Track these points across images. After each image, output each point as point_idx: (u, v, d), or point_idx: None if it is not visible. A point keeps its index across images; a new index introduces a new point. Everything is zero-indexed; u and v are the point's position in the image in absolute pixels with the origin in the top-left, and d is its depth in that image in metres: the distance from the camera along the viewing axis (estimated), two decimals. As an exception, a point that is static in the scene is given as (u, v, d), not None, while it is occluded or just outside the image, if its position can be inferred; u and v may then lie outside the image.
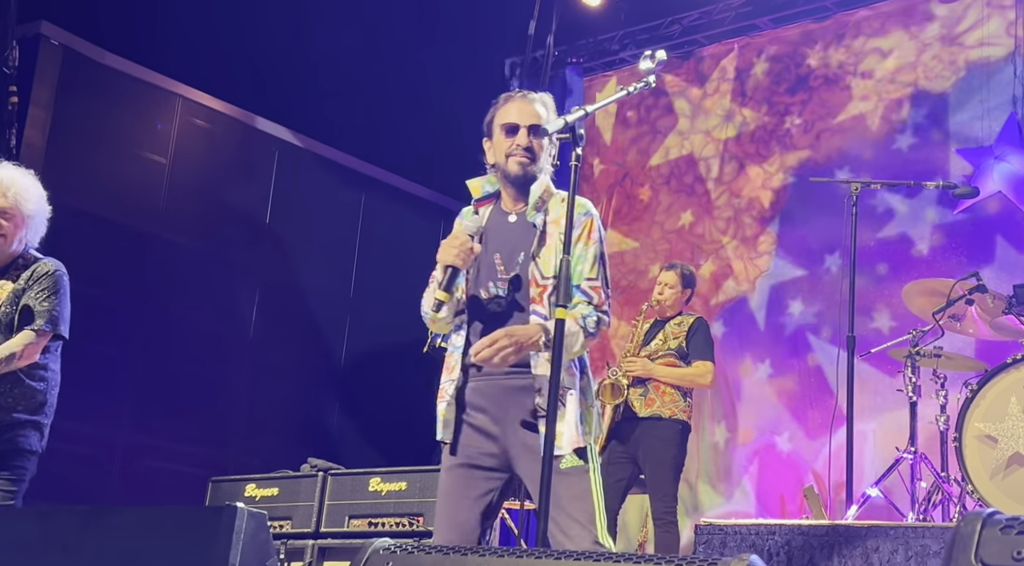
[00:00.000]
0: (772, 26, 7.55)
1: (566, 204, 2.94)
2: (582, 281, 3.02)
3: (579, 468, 2.92)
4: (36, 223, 3.79)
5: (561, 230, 2.99)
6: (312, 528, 4.89)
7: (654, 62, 3.06)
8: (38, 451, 3.66)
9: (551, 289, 2.99)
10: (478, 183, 3.18)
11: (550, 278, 3.00)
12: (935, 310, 5.08)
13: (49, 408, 3.70)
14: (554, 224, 3.05)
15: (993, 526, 1.67)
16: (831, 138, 7.15)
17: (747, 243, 7.34)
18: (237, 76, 7.17)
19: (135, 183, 6.81)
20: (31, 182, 3.82)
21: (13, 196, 3.71)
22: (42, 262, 3.76)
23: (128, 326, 6.63)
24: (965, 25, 6.79)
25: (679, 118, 7.81)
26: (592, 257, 3.03)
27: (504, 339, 2.87)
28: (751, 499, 6.90)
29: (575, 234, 3.01)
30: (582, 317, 2.97)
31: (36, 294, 3.65)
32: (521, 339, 2.88)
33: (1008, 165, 6.43)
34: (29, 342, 3.60)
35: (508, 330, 2.92)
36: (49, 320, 3.63)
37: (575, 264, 3.01)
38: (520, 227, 3.09)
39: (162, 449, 6.76)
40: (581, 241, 3.04)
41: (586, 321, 2.97)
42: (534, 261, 3.02)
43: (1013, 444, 4.55)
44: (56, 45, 6.45)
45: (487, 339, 2.89)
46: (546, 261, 3.01)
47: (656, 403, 5.14)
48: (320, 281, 7.79)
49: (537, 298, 3.00)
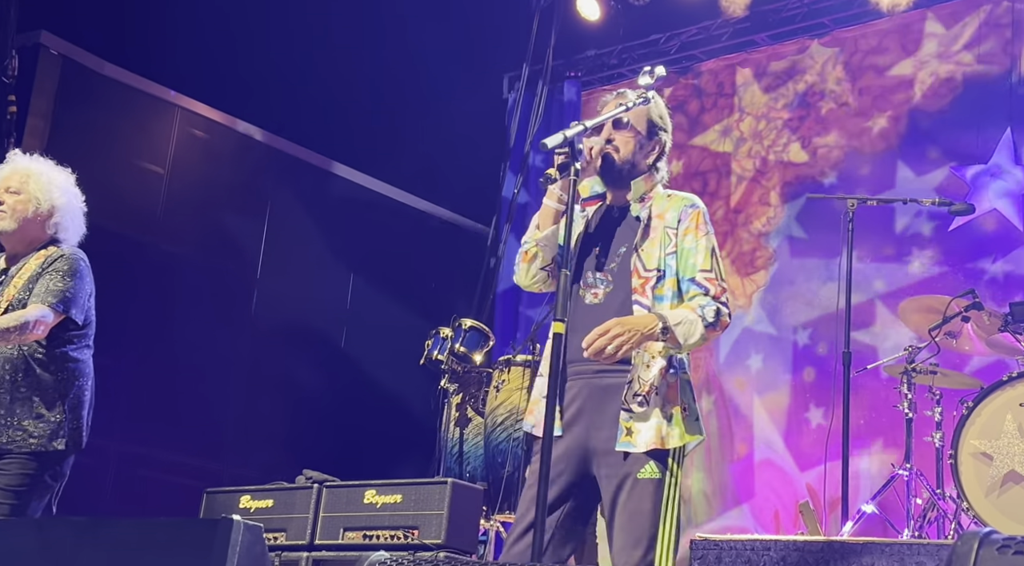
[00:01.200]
0: (770, 42, 7.58)
1: (673, 200, 2.99)
2: (696, 273, 2.97)
3: (655, 480, 2.80)
4: (61, 214, 3.74)
5: (666, 224, 3.00)
6: (307, 540, 4.87)
7: (653, 77, 3.09)
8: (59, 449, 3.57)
9: (655, 281, 2.95)
10: (587, 184, 3.18)
11: (653, 270, 2.96)
12: (931, 327, 5.09)
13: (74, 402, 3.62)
14: (658, 218, 3.04)
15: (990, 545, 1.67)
16: (828, 154, 7.17)
17: (744, 258, 7.35)
18: (236, 87, 7.18)
19: (133, 193, 6.81)
20: (57, 174, 3.78)
21: (22, 177, 3.69)
22: (63, 248, 3.70)
23: (124, 336, 6.61)
24: (962, 43, 6.82)
25: (676, 133, 7.81)
26: (704, 249, 2.98)
27: (617, 328, 2.79)
28: (746, 514, 6.89)
29: (682, 228, 2.99)
30: (700, 307, 2.91)
31: (50, 276, 3.58)
32: (637, 327, 2.81)
33: (1004, 182, 6.45)
34: (40, 315, 3.48)
35: (620, 319, 2.84)
36: (62, 300, 3.53)
37: (687, 257, 2.96)
38: (622, 221, 3.09)
39: (157, 460, 6.74)
40: (690, 234, 3.01)
41: (704, 310, 2.90)
42: (636, 253, 2.99)
43: (1009, 462, 4.55)
44: (55, 55, 6.45)
45: (600, 329, 2.79)
46: (649, 254, 2.98)
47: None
48: (317, 292, 7.79)
49: (639, 289, 2.95)
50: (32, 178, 3.72)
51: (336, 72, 7.39)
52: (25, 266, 3.65)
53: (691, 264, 2.98)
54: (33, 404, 3.55)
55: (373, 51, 7.52)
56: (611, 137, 3.10)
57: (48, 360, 3.58)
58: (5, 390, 3.54)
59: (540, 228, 3.07)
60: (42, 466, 3.55)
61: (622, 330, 2.78)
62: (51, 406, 3.56)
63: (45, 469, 3.56)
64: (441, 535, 4.40)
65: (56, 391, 3.59)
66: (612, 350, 2.77)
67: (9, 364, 3.55)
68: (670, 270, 2.97)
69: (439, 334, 5.54)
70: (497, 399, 5.06)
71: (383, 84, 7.66)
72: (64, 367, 3.61)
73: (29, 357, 3.56)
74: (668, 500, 2.83)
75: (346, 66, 7.40)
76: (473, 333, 5.49)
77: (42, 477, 3.56)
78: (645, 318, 2.85)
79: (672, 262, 2.98)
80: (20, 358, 3.56)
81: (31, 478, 3.53)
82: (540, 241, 3.07)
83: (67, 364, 3.61)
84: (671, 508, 2.83)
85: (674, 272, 2.98)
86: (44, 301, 3.52)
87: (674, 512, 2.84)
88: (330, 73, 7.38)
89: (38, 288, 3.56)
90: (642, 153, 3.13)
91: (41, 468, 3.55)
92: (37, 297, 3.53)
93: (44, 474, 3.56)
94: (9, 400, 3.53)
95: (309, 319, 7.73)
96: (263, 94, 7.31)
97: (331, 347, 7.87)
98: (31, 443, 3.52)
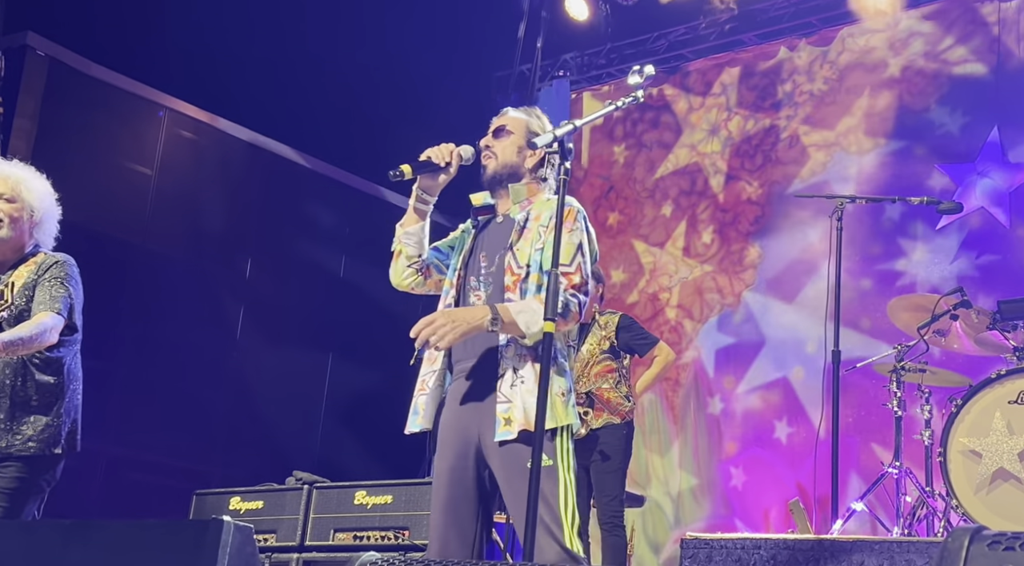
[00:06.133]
0: (758, 41, 7.60)
1: (551, 203, 3.01)
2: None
3: (546, 467, 2.83)
4: (45, 220, 3.74)
5: (542, 224, 3.04)
6: (297, 541, 4.87)
7: (642, 77, 3.08)
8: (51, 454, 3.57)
9: (524, 277, 3.00)
10: (480, 195, 3.26)
11: (524, 266, 3.02)
12: (920, 325, 5.11)
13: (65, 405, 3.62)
14: (535, 219, 3.09)
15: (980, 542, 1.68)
16: (816, 153, 7.19)
17: (732, 257, 7.36)
18: (223, 88, 7.16)
19: (120, 194, 6.79)
20: (34, 178, 3.77)
21: (14, 184, 3.68)
22: (56, 255, 3.71)
23: (112, 337, 6.59)
24: (949, 41, 6.84)
25: (665, 132, 7.84)
26: (567, 243, 2.97)
27: (442, 318, 2.89)
28: (736, 513, 6.90)
29: (552, 223, 3.01)
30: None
31: (50, 283, 3.57)
32: (464, 318, 2.89)
33: (990, 181, 6.47)
34: (54, 324, 3.48)
35: (447, 310, 2.96)
36: (65, 307, 3.55)
37: (550, 250, 2.97)
38: (505, 226, 3.15)
39: (146, 462, 6.72)
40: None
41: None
42: (511, 251, 3.05)
43: (997, 459, 4.57)
44: (42, 56, 6.43)
45: (426, 319, 2.89)
46: (522, 251, 3.04)
47: (605, 412, 5.19)
48: (306, 293, 7.77)
49: (511, 286, 3.02)
50: (23, 185, 3.72)
51: (323, 73, 7.38)
52: (16, 273, 3.64)
53: (549, 256, 2.99)
54: (32, 408, 3.54)
55: (361, 51, 7.51)
56: (488, 143, 3.18)
57: (45, 364, 3.58)
58: (5, 395, 3.54)
59: (403, 225, 3.24)
60: (38, 470, 3.55)
61: (446, 321, 2.87)
62: (49, 410, 3.56)
63: (41, 473, 3.56)
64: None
65: (54, 395, 3.59)
66: (436, 339, 2.86)
67: (9, 369, 3.55)
68: (535, 264, 3.02)
69: (428, 335, 5.53)
70: (486, 399, 5.05)
71: (371, 84, 7.65)
72: (60, 371, 3.61)
73: (28, 362, 3.56)
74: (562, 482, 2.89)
75: (333, 66, 7.39)
76: (463, 333, 5.48)
77: (37, 481, 3.56)
78: (475, 310, 2.94)
79: (538, 257, 3.03)
80: (19, 363, 3.56)
81: (27, 482, 3.53)
82: (402, 237, 3.22)
83: (63, 368, 3.62)
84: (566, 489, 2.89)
85: (538, 266, 3.02)
86: (52, 308, 3.53)
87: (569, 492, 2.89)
88: (317, 74, 7.36)
89: (40, 296, 3.56)
90: (518, 160, 3.14)
91: (37, 472, 3.55)
92: (43, 305, 3.53)
93: (39, 478, 3.56)
94: (9, 405, 3.53)
95: (298, 319, 7.72)
96: (250, 95, 7.30)
97: (321, 347, 7.85)
98: (30, 447, 3.52)
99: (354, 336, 7.95)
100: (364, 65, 7.56)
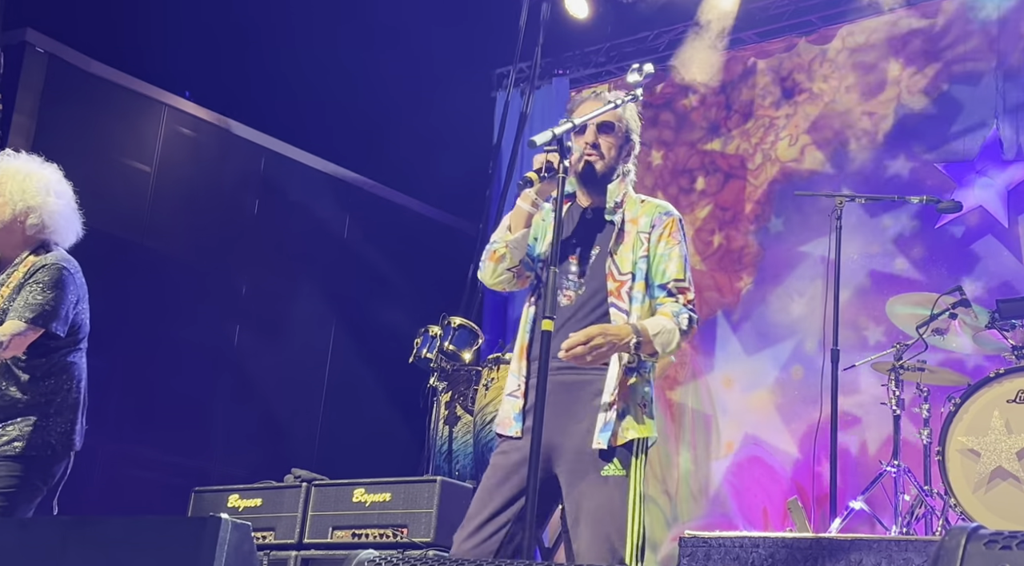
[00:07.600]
0: (757, 39, 7.59)
1: (646, 206, 3.03)
2: (668, 280, 3.01)
3: (618, 477, 2.84)
4: (47, 217, 3.63)
5: (639, 228, 3.03)
6: (295, 539, 4.87)
7: (642, 75, 3.09)
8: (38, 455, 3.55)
9: (629, 285, 2.99)
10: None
11: (627, 274, 3.01)
12: (919, 324, 5.11)
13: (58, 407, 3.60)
14: (632, 223, 3.07)
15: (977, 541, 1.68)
16: (816, 151, 7.18)
17: (731, 255, 7.36)
18: (223, 85, 7.16)
19: (120, 191, 6.79)
20: (38, 172, 3.67)
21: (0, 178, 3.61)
22: (47, 256, 3.61)
23: (111, 335, 6.58)
24: (948, 40, 6.84)
25: (664, 130, 7.83)
26: (677, 257, 3.02)
27: (600, 338, 2.83)
28: (734, 511, 6.90)
29: (655, 234, 3.03)
30: (675, 314, 2.96)
31: (30, 288, 3.52)
32: (614, 340, 2.85)
33: (989, 180, 6.47)
34: (16, 332, 3.45)
35: (603, 328, 2.89)
36: (40, 314, 3.48)
37: (659, 263, 3.01)
38: (595, 223, 3.11)
39: (144, 459, 6.72)
40: (664, 240, 3.05)
41: (679, 318, 2.96)
42: (611, 257, 3.03)
43: (996, 458, 4.57)
44: (41, 52, 6.42)
45: (581, 335, 2.84)
46: (623, 257, 3.03)
47: None
48: (305, 291, 7.77)
49: (615, 292, 3.00)
50: (10, 178, 3.63)
51: (324, 69, 7.37)
52: (13, 274, 3.60)
53: (662, 270, 3.02)
54: (19, 410, 3.53)
55: (361, 49, 7.50)
56: (596, 141, 3.11)
57: (33, 367, 3.55)
58: None
59: (512, 230, 3.09)
60: (31, 469, 3.54)
61: (603, 341, 2.84)
62: (38, 411, 3.55)
63: (34, 473, 3.55)
64: (430, 533, 4.40)
65: (43, 396, 3.57)
66: (591, 360, 2.84)
67: None
68: (640, 273, 3.02)
69: (428, 332, 5.54)
70: (486, 397, 5.06)
71: (371, 82, 7.65)
72: (50, 373, 3.58)
73: (12, 365, 3.54)
74: (633, 496, 2.87)
75: (334, 63, 7.38)
76: (462, 331, 5.49)
77: (31, 480, 3.55)
78: (622, 329, 2.90)
79: (643, 266, 3.02)
80: (3, 365, 3.54)
81: (19, 480, 3.52)
82: (510, 243, 3.09)
83: (53, 369, 3.59)
84: (636, 503, 2.87)
85: (644, 276, 3.02)
86: (21, 317, 3.47)
87: (639, 507, 2.88)
88: (317, 70, 7.36)
89: (18, 302, 3.51)
90: (620, 158, 3.13)
91: (30, 472, 3.54)
92: (15, 312, 3.49)
93: (33, 478, 3.55)
94: None
95: (297, 317, 7.72)
96: (249, 92, 7.30)
97: (320, 345, 7.85)
98: (16, 447, 3.51)
99: (355, 335, 7.95)
100: (364, 62, 7.55)
